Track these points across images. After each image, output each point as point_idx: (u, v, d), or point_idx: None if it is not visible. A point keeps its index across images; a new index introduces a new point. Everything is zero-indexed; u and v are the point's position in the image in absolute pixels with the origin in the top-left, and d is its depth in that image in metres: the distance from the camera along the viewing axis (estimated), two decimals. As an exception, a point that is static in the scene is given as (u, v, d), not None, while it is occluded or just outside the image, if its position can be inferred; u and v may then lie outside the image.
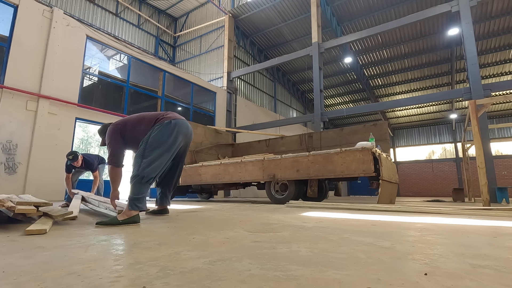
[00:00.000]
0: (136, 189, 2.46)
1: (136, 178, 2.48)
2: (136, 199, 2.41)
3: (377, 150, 4.84)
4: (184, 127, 2.86)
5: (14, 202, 2.19)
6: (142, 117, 2.81)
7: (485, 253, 1.22)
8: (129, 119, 2.82)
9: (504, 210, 3.39)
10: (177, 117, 2.85)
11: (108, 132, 2.72)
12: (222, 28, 15.15)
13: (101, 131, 2.94)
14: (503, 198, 7.80)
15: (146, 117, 2.80)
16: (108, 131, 2.73)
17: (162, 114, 2.81)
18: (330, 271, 0.93)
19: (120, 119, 2.85)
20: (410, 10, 12.68)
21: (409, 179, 22.51)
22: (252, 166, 6.21)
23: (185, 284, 0.81)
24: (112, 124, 2.80)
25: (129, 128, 2.74)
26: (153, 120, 2.74)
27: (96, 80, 10.28)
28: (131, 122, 2.78)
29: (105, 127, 2.89)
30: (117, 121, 2.81)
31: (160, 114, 2.82)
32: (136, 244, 1.43)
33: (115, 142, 2.68)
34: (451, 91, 11.26)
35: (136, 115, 2.85)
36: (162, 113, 2.85)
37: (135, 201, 2.40)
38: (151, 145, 2.59)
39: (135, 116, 2.84)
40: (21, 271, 0.94)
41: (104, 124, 2.94)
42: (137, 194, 2.45)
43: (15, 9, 7.31)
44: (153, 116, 2.79)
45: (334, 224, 2.28)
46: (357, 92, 20.13)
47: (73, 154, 4.64)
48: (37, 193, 6.80)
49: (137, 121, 2.77)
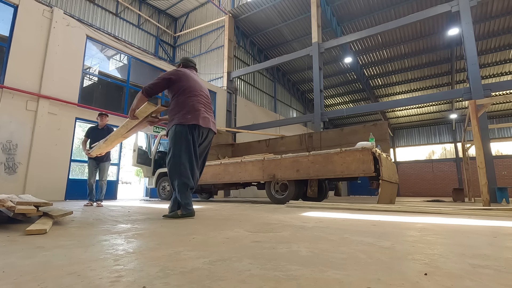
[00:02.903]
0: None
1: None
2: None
3: (377, 150, 4.84)
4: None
5: (14, 202, 2.19)
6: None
7: (485, 253, 1.22)
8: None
9: (504, 210, 3.39)
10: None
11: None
12: (222, 28, 15.15)
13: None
14: (503, 198, 7.80)
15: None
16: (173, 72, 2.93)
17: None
18: (330, 271, 0.93)
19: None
20: (410, 10, 12.67)
21: (409, 179, 22.51)
22: (252, 166, 6.21)
23: (185, 284, 0.81)
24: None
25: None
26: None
27: (96, 80, 10.29)
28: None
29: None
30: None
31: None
32: (136, 244, 1.43)
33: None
34: (451, 91, 11.28)
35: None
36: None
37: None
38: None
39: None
40: (21, 271, 0.94)
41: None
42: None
43: (15, 9, 7.31)
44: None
45: (334, 224, 2.28)
46: (357, 92, 20.13)
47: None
48: (37, 193, 6.79)
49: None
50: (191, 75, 2.96)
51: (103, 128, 5.40)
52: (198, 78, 3.10)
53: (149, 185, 9.17)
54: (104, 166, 5.40)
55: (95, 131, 5.35)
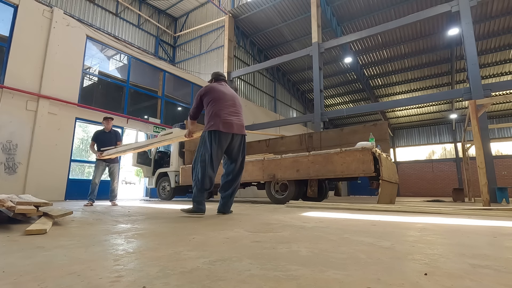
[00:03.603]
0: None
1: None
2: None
3: (377, 150, 4.84)
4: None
5: (14, 202, 2.19)
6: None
7: (485, 253, 1.22)
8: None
9: (504, 210, 3.39)
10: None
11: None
12: (222, 28, 15.15)
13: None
14: (503, 198, 7.80)
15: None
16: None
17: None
18: (330, 271, 0.93)
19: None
20: (410, 10, 12.67)
21: (409, 179, 22.50)
22: (252, 166, 6.21)
23: (185, 284, 0.81)
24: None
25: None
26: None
27: (96, 80, 10.28)
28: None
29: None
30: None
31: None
32: (136, 244, 1.43)
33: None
34: (451, 91, 11.27)
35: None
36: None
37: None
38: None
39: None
40: (21, 271, 0.94)
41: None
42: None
43: (15, 9, 7.31)
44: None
45: (334, 224, 2.28)
46: (357, 92, 20.13)
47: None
48: (37, 193, 6.79)
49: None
50: (217, 87, 3.26)
51: (109, 131, 5.54)
52: (226, 87, 3.37)
53: (149, 185, 9.17)
54: (115, 168, 5.56)
55: (102, 134, 5.49)
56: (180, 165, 7.93)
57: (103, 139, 5.44)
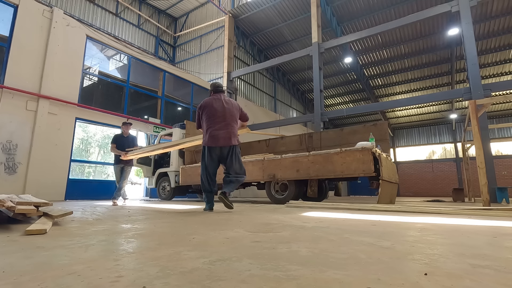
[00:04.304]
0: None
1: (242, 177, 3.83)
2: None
3: (377, 150, 4.84)
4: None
5: (14, 202, 2.19)
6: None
7: (485, 253, 1.22)
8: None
9: (504, 210, 3.39)
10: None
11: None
12: (222, 28, 15.14)
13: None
14: (503, 198, 7.80)
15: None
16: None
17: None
18: (330, 271, 0.93)
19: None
20: (410, 10, 12.67)
21: (409, 179, 22.50)
22: (252, 166, 6.21)
23: (185, 284, 0.81)
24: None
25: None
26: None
27: (96, 80, 10.29)
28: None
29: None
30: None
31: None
32: (136, 244, 1.43)
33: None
34: (451, 91, 11.27)
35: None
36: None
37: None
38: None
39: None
40: (21, 271, 0.94)
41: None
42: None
43: (15, 9, 7.31)
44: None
45: (334, 224, 2.28)
46: (357, 92, 20.13)
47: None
48: (37, 193, 6.79)
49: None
50: (210, 104, 3.71)
51: (127, 136, 5.87)
52: (219, 101, 3.74)
53: (149, 185, 9.17)
54: (128, 169, 5.86)
55: (121, 138, 5.82)
56: (180, 165, 7.93)
57: (121, 143, 5.74)
